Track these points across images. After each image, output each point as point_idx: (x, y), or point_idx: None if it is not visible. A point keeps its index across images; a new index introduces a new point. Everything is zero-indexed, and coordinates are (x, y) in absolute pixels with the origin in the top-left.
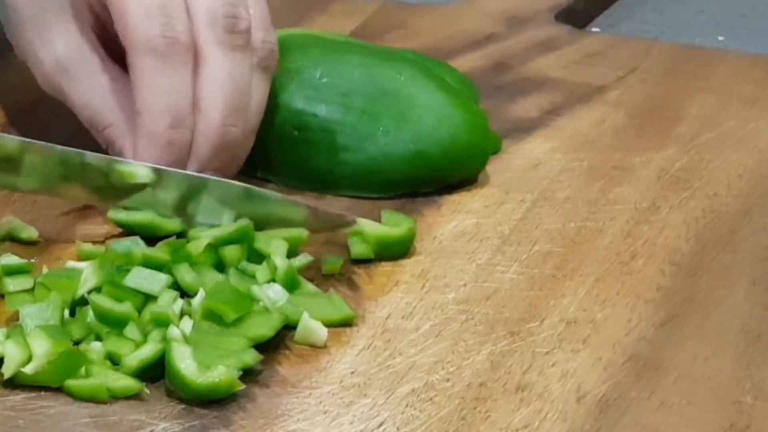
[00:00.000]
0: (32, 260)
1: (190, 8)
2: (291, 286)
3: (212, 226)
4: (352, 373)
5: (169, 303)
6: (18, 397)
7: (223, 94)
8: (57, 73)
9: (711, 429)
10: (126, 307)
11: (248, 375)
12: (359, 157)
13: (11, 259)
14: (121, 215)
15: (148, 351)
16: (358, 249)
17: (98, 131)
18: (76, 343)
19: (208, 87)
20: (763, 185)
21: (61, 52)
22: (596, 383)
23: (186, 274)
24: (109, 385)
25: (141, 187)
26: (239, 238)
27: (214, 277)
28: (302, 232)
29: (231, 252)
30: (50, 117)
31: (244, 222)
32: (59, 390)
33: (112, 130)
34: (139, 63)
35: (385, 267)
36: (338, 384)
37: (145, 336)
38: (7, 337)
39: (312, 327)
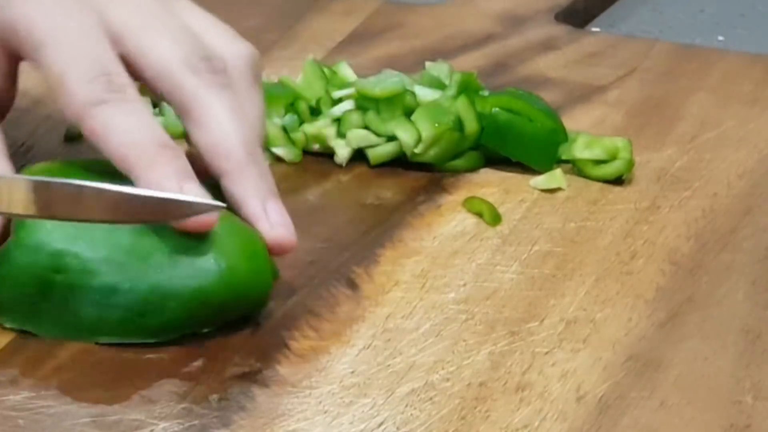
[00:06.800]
0: None
1: (144, 64)
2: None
3: None
4: (352, 373)
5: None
6: (18, 397)
7: (236, 134)
8: None
9: (711, 429)
10: None
11: (248, 375)
12: (129, 299)
13: None
14: None
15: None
16: None
17: None
18: None
19: (216, 132)
20: (763, 185)
21: None
22: (596, 383)
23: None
24: None
25: None
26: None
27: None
28: None
29: None
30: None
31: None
32: (59, 390)
33: None
34: (91, 121)
35: (385, 267)
36: (338, 384)
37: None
38: None
39: None
